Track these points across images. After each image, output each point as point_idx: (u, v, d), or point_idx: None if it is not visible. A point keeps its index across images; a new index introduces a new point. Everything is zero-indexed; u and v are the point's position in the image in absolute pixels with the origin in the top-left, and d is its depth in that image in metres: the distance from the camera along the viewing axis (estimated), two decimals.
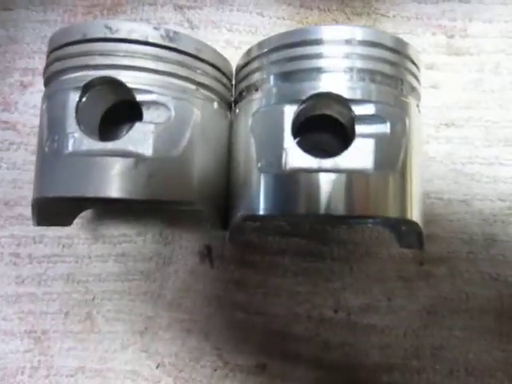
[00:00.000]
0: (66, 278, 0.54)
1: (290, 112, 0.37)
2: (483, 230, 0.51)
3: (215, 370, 0.51)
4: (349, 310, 0.51)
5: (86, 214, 0.55)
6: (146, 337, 0.52)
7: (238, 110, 0.43)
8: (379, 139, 0.36)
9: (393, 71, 0.38)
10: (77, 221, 0.52)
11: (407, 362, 0.50)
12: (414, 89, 0.40)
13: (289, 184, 0.36)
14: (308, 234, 0.53)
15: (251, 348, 0.51)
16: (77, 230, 0.55)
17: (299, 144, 0.37)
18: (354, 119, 0.36)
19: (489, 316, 0.50)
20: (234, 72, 0.46)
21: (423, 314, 0.51)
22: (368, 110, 0.36)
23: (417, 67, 0.41)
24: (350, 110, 0.36)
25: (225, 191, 0.43)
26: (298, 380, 0.51)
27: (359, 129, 0.36)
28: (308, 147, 0.37)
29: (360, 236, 0.52)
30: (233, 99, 0.46)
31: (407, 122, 0.38)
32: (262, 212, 0.37)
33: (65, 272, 0.54)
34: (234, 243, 0.52)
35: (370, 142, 0.35)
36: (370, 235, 0.52)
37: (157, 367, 0.52)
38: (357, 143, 0.36)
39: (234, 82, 0.46)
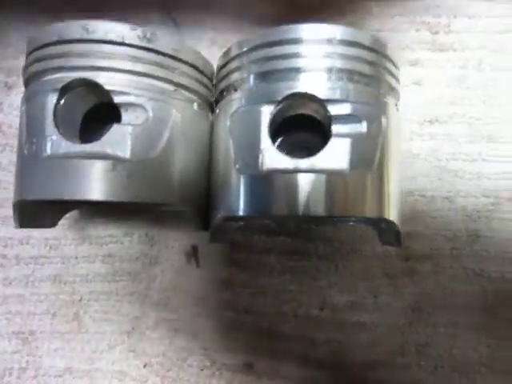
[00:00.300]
0: (53, 278, 0.54)
1: (266, 112, 0.37)
2: (467, 226, 0.51)
3: (202, 370, 0.51)
4: (335, 308, 0.51)
5: (73, 214, 0.55)
6: (133, 337, 0.52)
7: (218, 111, 0.43)
8: (355, 139, 0.36)
9: (371, 71, 0.38)
10: (63, 222, 0.52)
11: (393, 359, 0.50)
12: (392, 88, 0.40)
13: (266, 185, 0.36)
14: (293, 233, 0.53)
15: (239, 347, 0.51)
16: (63, 231, 0.55)
17: (282, 143, 0.37)
18: (330, 119, 0.36)
19: (473, 312, 0.50)
20: (215, 72, 0.46)
21: (408, 311, 0.51)
22: (344, 109, 0.36)
23: (396, 67, 0.41)
24: (326, 109, 0.36)
25: (206, 192, 0.43)
26: (285, 378, 0.51)
27: (335, 128, 0.36)
28: (292, 146, 0.37)
29: (345, 234, 0.52)
30: (214, 99, 0.46)
31: (384, 121, 0.37)
32: (241, 213, 0.37)
33: (52, 273, 0.54)
34: (218, 243, 0.52)
35: (346, 142, 0.35)
36: (355, 233, 0.52)
37: (144, 367, 0.52)
38: (333, 143, 0.35)
39: (215, 82, 0.46)
